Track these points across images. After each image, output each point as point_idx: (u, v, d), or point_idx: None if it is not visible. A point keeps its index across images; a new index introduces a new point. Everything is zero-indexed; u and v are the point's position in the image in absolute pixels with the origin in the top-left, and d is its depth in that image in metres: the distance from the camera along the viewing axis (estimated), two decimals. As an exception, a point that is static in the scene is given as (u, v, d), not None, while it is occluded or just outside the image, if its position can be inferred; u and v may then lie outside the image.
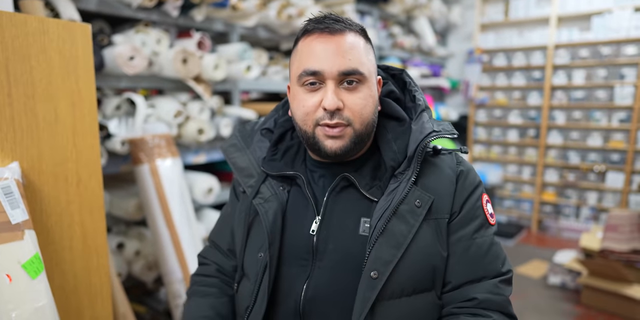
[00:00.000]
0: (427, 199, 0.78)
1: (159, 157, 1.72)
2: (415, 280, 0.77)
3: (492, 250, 0.81)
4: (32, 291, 0.86)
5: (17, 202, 0.89)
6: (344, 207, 0.83)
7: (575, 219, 4.29)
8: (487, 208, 0.84)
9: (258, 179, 0.91)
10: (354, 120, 0.78)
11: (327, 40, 0.76)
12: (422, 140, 0.78)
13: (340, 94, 0.77)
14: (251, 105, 2.43)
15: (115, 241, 1.86)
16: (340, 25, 0.76)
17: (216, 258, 1.02)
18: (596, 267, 2.73)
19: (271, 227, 0.83)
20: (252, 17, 2.25)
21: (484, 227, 0.82)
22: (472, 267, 0.80)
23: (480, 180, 0.87)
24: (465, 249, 0.80)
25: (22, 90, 0.96)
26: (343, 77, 0.76)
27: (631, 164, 3.93)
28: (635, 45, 3.85)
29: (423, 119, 0.82)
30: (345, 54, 0.75)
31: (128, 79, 1.77)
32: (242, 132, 0.99)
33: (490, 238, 0.82)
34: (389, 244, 0.75)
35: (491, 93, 4.67)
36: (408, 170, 0.79)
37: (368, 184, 0.82)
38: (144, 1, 1.74)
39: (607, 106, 4.02)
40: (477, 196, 0.83)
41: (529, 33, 4.35)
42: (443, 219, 0.80)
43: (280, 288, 0.83)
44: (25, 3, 1.44)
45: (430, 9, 4.20)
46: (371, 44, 0.83)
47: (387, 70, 0.92)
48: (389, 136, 0.84)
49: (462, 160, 0.87)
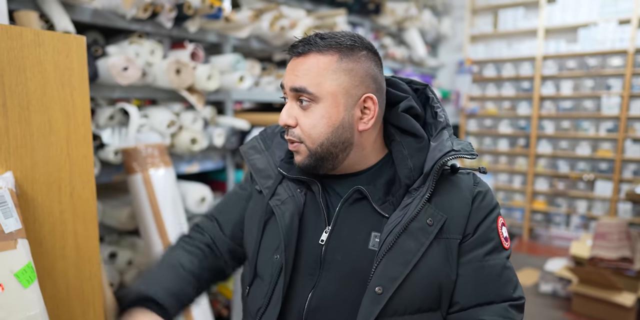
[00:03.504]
0: (440, 218, 0.77)
1: (152, 166, 1.73)
2: (421, 298, 0.76)
3: (505, 274, 0.79)
4: (25, 300, 0.86)
5: (11, 212, 0.89)
6: (355, 220, 0.82)
7: (566, 227, 4.33)
8: (502, 231, 0.82)
9: (275, 180, 0.90)
10: (304, 139, 0.80)
11: (295, 60, 0.80)
12: (439, 159, 0.76)
13: (296, 111, 0.80)
14: (244, 115, 2.45)
15: (107, 251, 1.85)
16: (305, 48, 0.78)
17: (214, 233, 1.02)
18: (586, 274, 2.76)
19: (287, 229, 0.83)
20: (245, 28, 2.28)
21: (497, 250, 0.80)
22: (482, 290, 0.78)
23: (497, 202, 0.85)
24: (476, 271, 0.78)
25: (16, 101, 0.97)
26: (296, 95, 0.79)
27: (619, 173, 3.99)
28: (621, 56, 3.93)
29: (443, 137, 0.81)
30: (299, 72, 0.78)
31: (122, 89, 1.79)
32: (263, 134, 0.99)
33: (503, 261, 0.80)
34: (397, 261, 0.75)
35: (481, 103, 4.74)
36: (423, 187, 0.78)
37: (381, 198, 0.81)
38: (138, 13, 1.76)
39: (595, 116, 4.09)
40: (492, 218, 0.82)
41: (517, 44, 4.43)
42: (455, 239, 0.78)
43: (288, 294, 0.83)
44: (20, 14, 1.45)
45: (421, 21, 4.27)
46: (363, 60, 0.79)
47: (411, 84, 0.90)
48: (405, 153, 0.83)
49: (479, 180, 0.85)
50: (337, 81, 0.77)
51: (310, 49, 0.78)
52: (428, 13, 4.40)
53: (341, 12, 2.95)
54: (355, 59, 0.78)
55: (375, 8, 3.58)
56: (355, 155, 0.83)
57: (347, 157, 0.83)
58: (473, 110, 4.71)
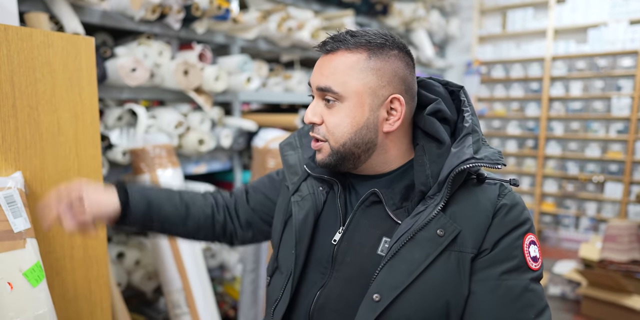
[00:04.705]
0: (453, 229, 0.72)
1: (159, 167, 1.73)
2: (425, 313, 0.71)
3: (526, 296, 0.71)
4: (33, 299, 0.87)
5: (20, 211, 0.90)
6: (368, 223, 0.81)
7: (575, 229, 4.29)
8: (528, 250, 0.74)
9: (300, 176, 0.92)
10: (328, 137, 0.80)
11: (324, 57, 0.80)
12: (456, 166, 0.72)
13: (322, 109, 0.80)
14: (252, 116, 2.45)
15: (115, 251, 1.86)
16: (335, 45, 0.77)
17: (240, 200, 1.07)
18: (595, 277, 2.73)
19: (300, 226, 0.84)
20: (252, 29, 2.29)
21: (519, 270, 0.72)
22: (497, 312, 0.71)
23: (529, 218, 0.77)
24: (491, 290, 0.71)
25: (26, 102, 0.98)
26: (322, 93, 0.79)
27: (629, 175, 3.94)
28: (631, 57, 3.89)
29: (465, 143, 0.76)
30: (325, 71, 0.78)
31: (130, 90, 1.80)
32: (300, 131, 1.01)
33: (524, 283, 0.72)
34: (399, 269, 0.71)
35: (490, 104, 4.71)
36: (438, 195, 0.74)
37: (396, 204, 0.79)
38: (146, 14, 1.77)
39: (605, 117, 4.05)
40: (517, 235, 0.74)
41: (526, 45, 4.40)
42: (468, 253, 0.72)
43: (300, 289, 0.84)
44: (31, 16, 1.47)
45: (429, 22, 4.25)
46: (393, 60, 0.77)
47: (447, 86, 0.86)
48: (425, 158, 0.79)
49: (508, 193, 0.77)
50: (363, 80, 0.76)
51: (340, 47, 0.77)
52: (436, 14, 4.38)
53: (349, 13, 2.95)
54: (384, 58, 0.77)
55: (382, 9, 3.57)
56: (379, 157, 0.82)
57: (369, 158, 0.81)
58: (481, 111, 4.68)
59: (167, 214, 0.98)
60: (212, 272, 2.31)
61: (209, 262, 2.22)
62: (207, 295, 1.78)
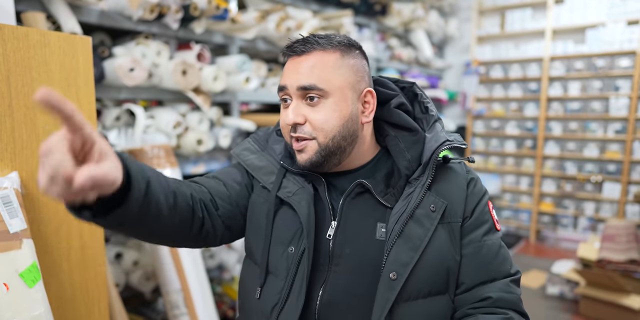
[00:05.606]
0: (441, 204, 0.82)
1: (157, 167, 1.73)
2: (431, 282, 0.80)
3: (501, 252, 0.86)
4: (29, 300, 0.86)
5: (16, 212, 0.90)
6: (359, 213, 0.85)
7: (573, 229, 4.30)
8: (493, 213, 0.89)
9: (278, 174, 0.90)
10: (316, 134, 0.81)
11: (294, 60, 0.83)
12: (437, 148, 0.83)
13: (303, 109, 0.81)
14: (250, 116, 2.45)
15: (113, 251, 1.86)
16: (306, 47, 0.81)
17: (217, 190, 0.91)
18: (594, 277, 2.73)
19: (307, 216, 0.83)
20: (251, 29, 2.29)
21: (492, 231, 0.87)
22: (484, 268, 0.83)
23: (486, 188, 0.93)
24: (476, 251, 0.84)
25: (22, 102, 0.98)
26: (304, 93, 0.81)
27: (627, 175, 3.95)
28: (629, 57, 3.90)
29: (437, 129, 0.87)
30: (305, 70, 0.80)
31: (128, 90, 1.79)
32: (255, 137, 1.00)
33: (498, 241, 0.87)
34: (407, 246, 0.78)
35: (488, 104, 4.71)
36: (422, 176, 0.83)
37: (382, 190, 0.85)
38: (144, 14, 1.77)
39: (603, 117, 4.05)
40: (485, 202, 0.88)
41: (524, 45, 4.41)
42: (456, 222, 0.84)
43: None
44: (28, 15, 1.46)
45: (428, 22, 4.26)
46: (359, 58, 0.85)
47: (397, 83, 0.96)
48: (402, 146, 0.88)
49: (470, 169, 0.92)
50: (343, 76, 0.82)
51: (314, 48, 0.81)
52: (435, 14, 4.38)
53: (347, 13, 2.95)
54: (353, 56, 0.84)
55: (381, 9, 3.57)
56: (359, 149, 0.87)
57: (352, 151, 0.86)
58: (480, 111, 4.69)
59: (158, 200, 0.73)
60: (211, 273, 2.30)
61: (207, 262, 2.22)
62: (205, 295, 1.77)
